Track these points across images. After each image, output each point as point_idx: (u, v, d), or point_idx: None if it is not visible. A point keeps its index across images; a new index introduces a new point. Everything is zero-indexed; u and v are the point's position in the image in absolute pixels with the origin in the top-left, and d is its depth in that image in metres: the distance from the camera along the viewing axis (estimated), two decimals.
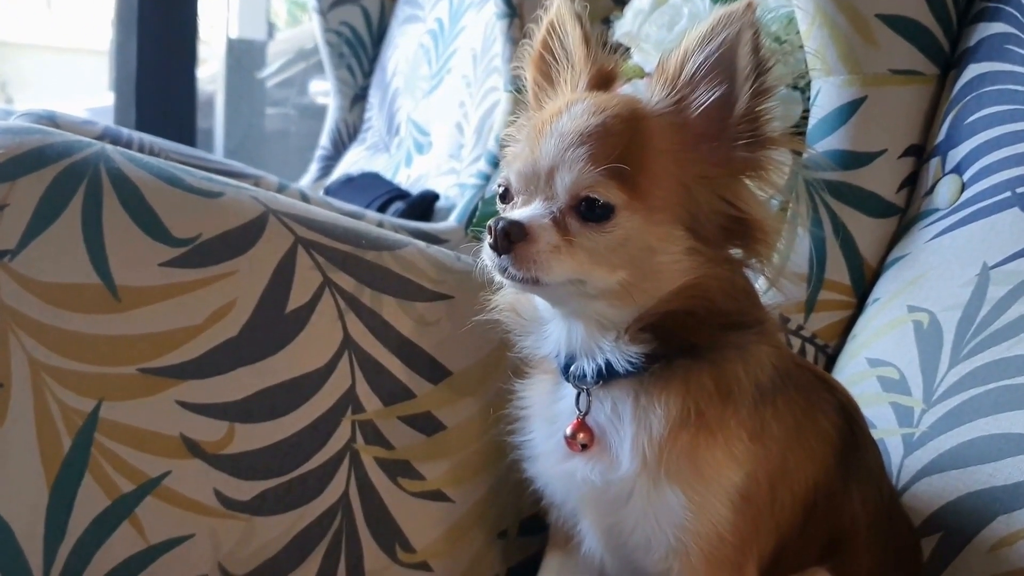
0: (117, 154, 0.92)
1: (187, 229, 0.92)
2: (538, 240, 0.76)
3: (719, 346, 0.81)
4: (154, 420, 0.89)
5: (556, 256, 0.76)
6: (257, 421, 0.93)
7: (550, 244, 0.76)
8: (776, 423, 0.83)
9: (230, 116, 3.39)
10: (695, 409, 0.80)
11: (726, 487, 0.80)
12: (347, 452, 0.96)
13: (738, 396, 0.81)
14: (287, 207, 0.98)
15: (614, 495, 0.83)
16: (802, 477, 0.84)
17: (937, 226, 1.14)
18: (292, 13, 4.08)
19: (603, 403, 0.84)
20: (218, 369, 0.91)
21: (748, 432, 0.81)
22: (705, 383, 0.80)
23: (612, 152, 0.77)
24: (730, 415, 0.81)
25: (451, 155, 2.17)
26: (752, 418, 0.81)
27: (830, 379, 0.94)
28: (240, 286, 0.93)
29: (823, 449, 0.86)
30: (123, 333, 0.88)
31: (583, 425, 0.84)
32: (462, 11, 2.28)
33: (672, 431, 0.80)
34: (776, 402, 0.83)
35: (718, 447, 0.80)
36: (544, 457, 0.88)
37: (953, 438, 0.97)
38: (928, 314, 1.08)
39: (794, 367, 0.87)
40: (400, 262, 1.02)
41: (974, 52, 1.18)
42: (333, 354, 0.96)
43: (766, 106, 0.79)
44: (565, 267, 0.77)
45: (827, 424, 0.87)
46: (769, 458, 0.82)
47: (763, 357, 0.82)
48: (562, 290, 0.79)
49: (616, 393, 0.83)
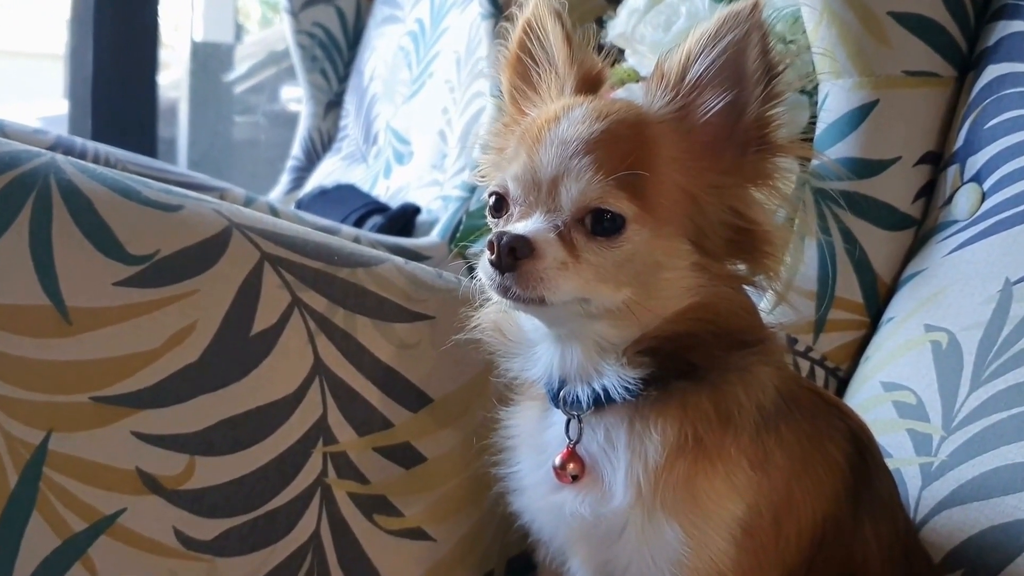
0: (69, 165, 0.92)
1: (144, 245, 0.91)
2: (545, 257, 0.76)
3: (719, 367, 0.81)
4: (108, 453, 0.89)
5: (563, 274, 0.76)
6: (220, 454, 0.92)
7: (557, 261, 0.76)
8: (780, 451, 0.83)
9: (194, 124, 3.39)
10: (693, 435, 0.80)
11: (726, 520, 0.80)
12: (318, 487, 0.96)
13: (739, 421, 0.81)
14: (253, 221, 0.98)
15: (606, 529, 0.83)
16: (809, 509, 0.84)
17: (956, 239, 1.15)
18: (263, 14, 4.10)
19: (595, 431, 0.84)
20: (177, 397, 0.91)
21: (750, 460, 0.81)
22: (704, 407, 0.80)
23: (621, 161, 0.77)
24: (730, 442, 0.81)
25: (434, 165, 2.18)
26: (754, 445, 0.81)
27: (840, 404, 0.94)
28: (201, 307, 0.93)
29: (832, 480, 0.86)
30: (74, 358, 0.88)
31: (573, 455, 0.84)
32: (444, 11, 2.29)
33: (669, 459, 0.80)
34: (780, 428, 0.83)
35: (717, 477, 0.80)
36: (531, 489, 0.88)
37: (975, 467, 0.98)
38: (947, 334, 1.08)
39: (800, 391, 0.87)
40: (376, 280, 1.02)
41: (993, 52, 1.19)
42: (303, 380, 0.96)
43: (775, 112, 0.80)
44: (572, 285, 0.77)
45: (836, 452, 0.87)
46: (773, 489, 0.82)
47: (765, 379, 0.83)
48: (565, 310, 0.79)
49: (610, 420, 0.83)
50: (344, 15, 2.62)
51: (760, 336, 0.84)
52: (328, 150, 2.65)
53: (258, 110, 3.61)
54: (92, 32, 2.54)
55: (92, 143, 1.67)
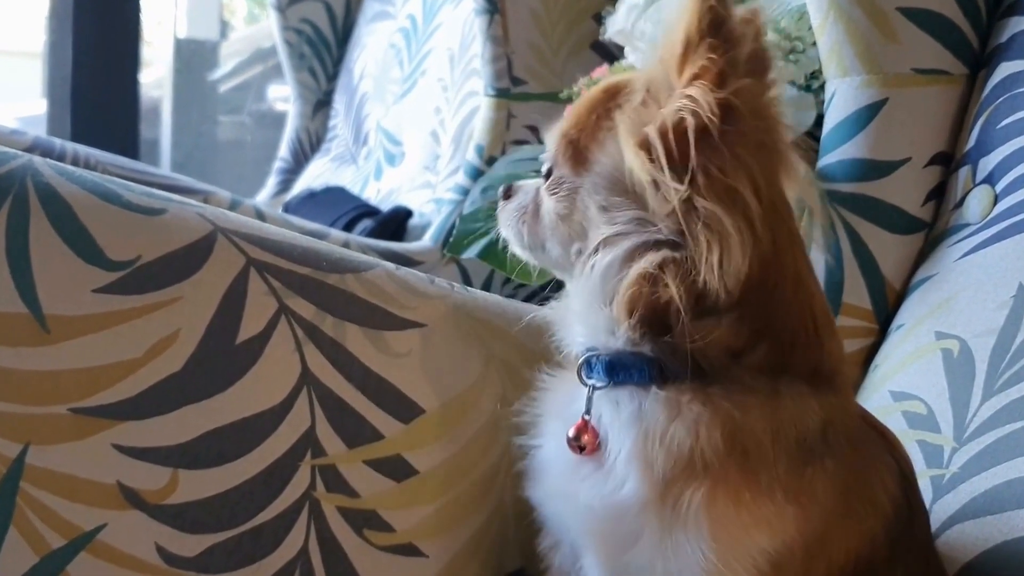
0: (47, 167, 0.92)
1: (125, 251, 0.91)
2: (513, 199, 0.94)
3: (734, 384, 0.80)
4: (87, 466, 0.89)
5: (508, 212, 0.94)
6: (204, 467, 0.92)
7: (517, 204, 0.93)
8: (822, 485, 0.80)
9: (178, 125, 3.40)
10: (703, 460, 0.78)
11: (751, 551, 0.78)
12: (306, 501, 0.96)
13: (758, 456, 0.78)
14: (238, 225, 0.98)
15: (623, 533, 0.82)
16: (843, 548, 0.82)
17: (968, 243, 1.15)
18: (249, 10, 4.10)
19: (611, 406, 0.84)
20: (159, 408, 0.91)
21: (784, 491, 0.79)
22: (712, 436, 0.78)
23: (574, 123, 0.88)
24: (762, 468, 0.78)
25: (426, 167, 2.18)
26: (791, 476, 0.79)
27: (893, 439, 0.91)
28: (184, 314, 0.93)
29: (873, 521, 0.84)
30: (52, 368, 0.88)
31: (587, 426, 0.84)
32: (437, 7, 2.29)
33: (683, 472, 0.79)
34: (825, 463, 0.80)
35: (743, 504, 0.78)
36: (550, 465, 0.88)
37: (988, 480, 0.98)
38: (958, 341, 1.09)
39: (857, 424, 0.85)
40: (366, 286, 1.02)
41: (1006, 49, 1.19)
42: (290, 390, 0.96)
43: None
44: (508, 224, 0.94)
45: (882, 495, 0.85)
46: (809, 524, 0.80)
47: (801, 411, 0.80)
48: (535, 254, 0.92)
49: (622, 395, 0.83)
50: (333, 11, 2.63)
51: (810, 359, 0.82)
52: (317, 151, 2.66)
53: (244, 110, 3.61)
54: (71, 28, 2.54)
55: (71, 144, 1.67)
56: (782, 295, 0.81)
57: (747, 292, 0.78)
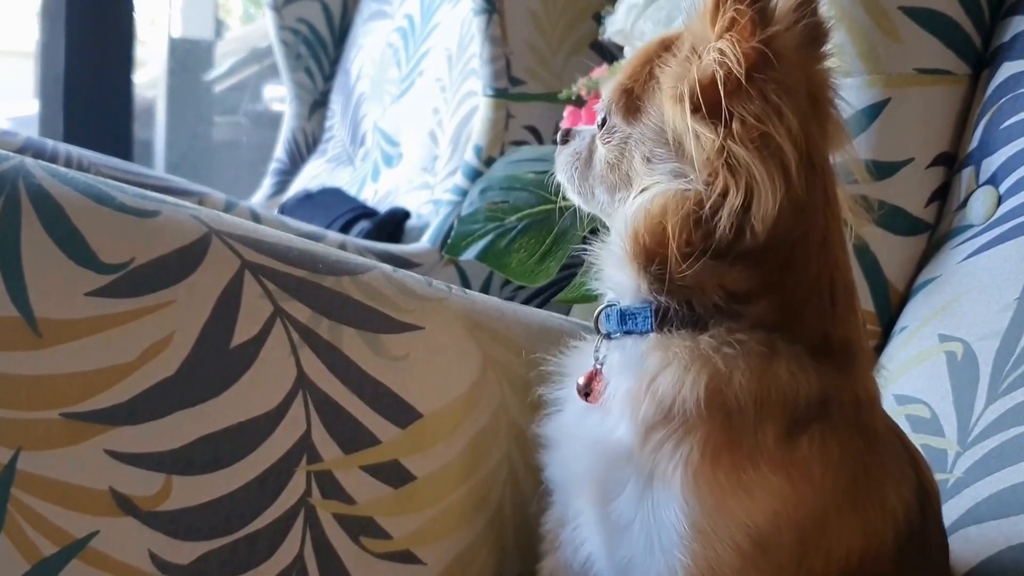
0: (39, 169, 0.92)
1: (118, 253, 0.91)
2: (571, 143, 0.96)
3: (730, 335, 0.79)
4: (80, 472, 0.88)
5: (566, 156, 0.95)
6: (198, 473, 0.92)
7: (573, 149, 0.96)
8: (820, 465, 0.78)
9: (172, 125, 3.40)
10: (683, 413, 0.77)
11: (729, 523, 0.76)
12: (301, 508, 0.96)
13: (740, 417, 0.77)
14: (233, 227, 0.98)
15: (613, 481, 0.82)
16: (844, 544, 0.80)
17: (971, 244, 1.15)
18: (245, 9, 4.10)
19: (615, 353, 0.86)
20: (153, 413, 0.91)
21: (769, 460, 0.77)
22: (694, 389, 0.77)
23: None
24: (740, 434, 0.77)
25: (424, 168, 2.18)
26: (779, 447, 0.77)
27: (921, 459, 0.90)
28: (178, 318, 0.93)
29: (882, 524, 0.81)
30: (44, 372, 0.88)
31: (597, 374, 0.86)
32: (435, 7, 2.29)
33: (663, 422, 0.79)
34: (827, 440, 0.78)
35: (720, 465, 0.76)
36: (563, 417, 0.91)
37: (992, 484, 0.98)
38: (962, 344, 1.09)
39: (878, 424, 0.84)
40: (363, 288, 1.02)
41: (1009, 49, 1.20)
42: (285, 395, 0.96)
43: None
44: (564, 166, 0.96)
45: (895, 499, 0.83)
46: (800, 504, 0.77)
47: (794, 377, 0.78)
48: (584, 199, 0.94)
49: (629, 345, 0.85)
50: (330, 10, 2.63)
51: (814, 326, 0.81)
52: (313, 152, 2.66)
53: (239, 110, 3.61)
54: (64, 28, 2.54)
55: (64, 145, 1.67)
56: (803, 251, 0.81)
57: (772, 238, 0.79)
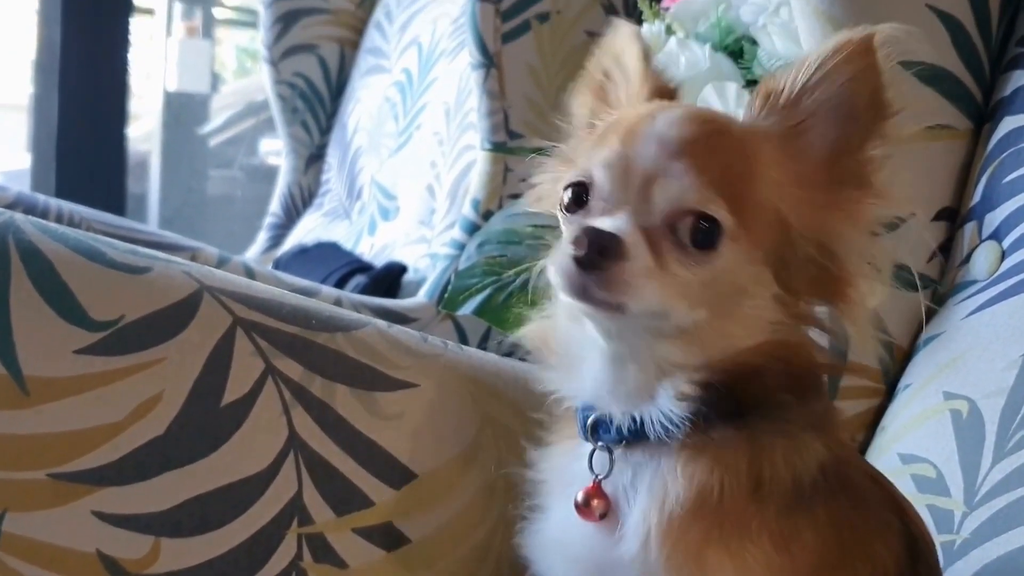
0: (28, 224, 0.92)
1: (107, 310, 0.92)
2: (635, 260, 0.75)
3: (765, 424, 0.79)
4: (67, 534, 0.88)
5: (649, 283, 0.75)
6: (187, 535, 0.91)
7: (645, 267, 0.75)
8: (812, 534, 0.79)
9: (166, 180, 3.42)
10: (718, 493, 0.77)
11: None
12: (292, 572, 0.95)
13: (768, 490, 0.78)
14: (225, 283, 0.98)
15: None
16: None
17: (975, 300, 1.16)
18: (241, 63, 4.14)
19: (624, 468, 0.82)
20: (141, 474, 0.90)
21: (773, 539, 0.78)
22: (738, 463, 0.78)
23: (724, 170, 0.77)
24: (753, 512, 0.78)
25: (421, 221, 2.19)
26: (780, 521, 0.78)
27: (905, 503, 0.89)
28: (168, 376, 0.92)
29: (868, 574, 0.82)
30: (31, 432, 0.88)
31: (600, 490, 0.82)
32: (433, 61, 2.32)
33: (687, 516, 0.78)
34: (816, 510, 0.79)
35: (728, 550, 0.77)
36: (549, 528, 0.86)
37: (1000, 546, 0.97)
38: (967, 402, 1.09)
39: (855, 474, 0.84)
40: (356, 345, 1.02)
41: (1010, 103, 1.21)
42: (276, 455, 0.96)
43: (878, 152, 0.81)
44: (655, 297, 0.75)
45: (884, 552, 0.83)
46: (797, 573, 0.79)
47: (810, 452, 0.80)
48: (637, 323, 0.77)
49: (639, 458, 0.81)
50: (327, 65, 2.65)
51: (817, 397, 0.83)
52: (309, 206, 2.67)
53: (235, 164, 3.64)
54: (57, 80, 2.56)
55: (55, 201, 1.68)
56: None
57: None
